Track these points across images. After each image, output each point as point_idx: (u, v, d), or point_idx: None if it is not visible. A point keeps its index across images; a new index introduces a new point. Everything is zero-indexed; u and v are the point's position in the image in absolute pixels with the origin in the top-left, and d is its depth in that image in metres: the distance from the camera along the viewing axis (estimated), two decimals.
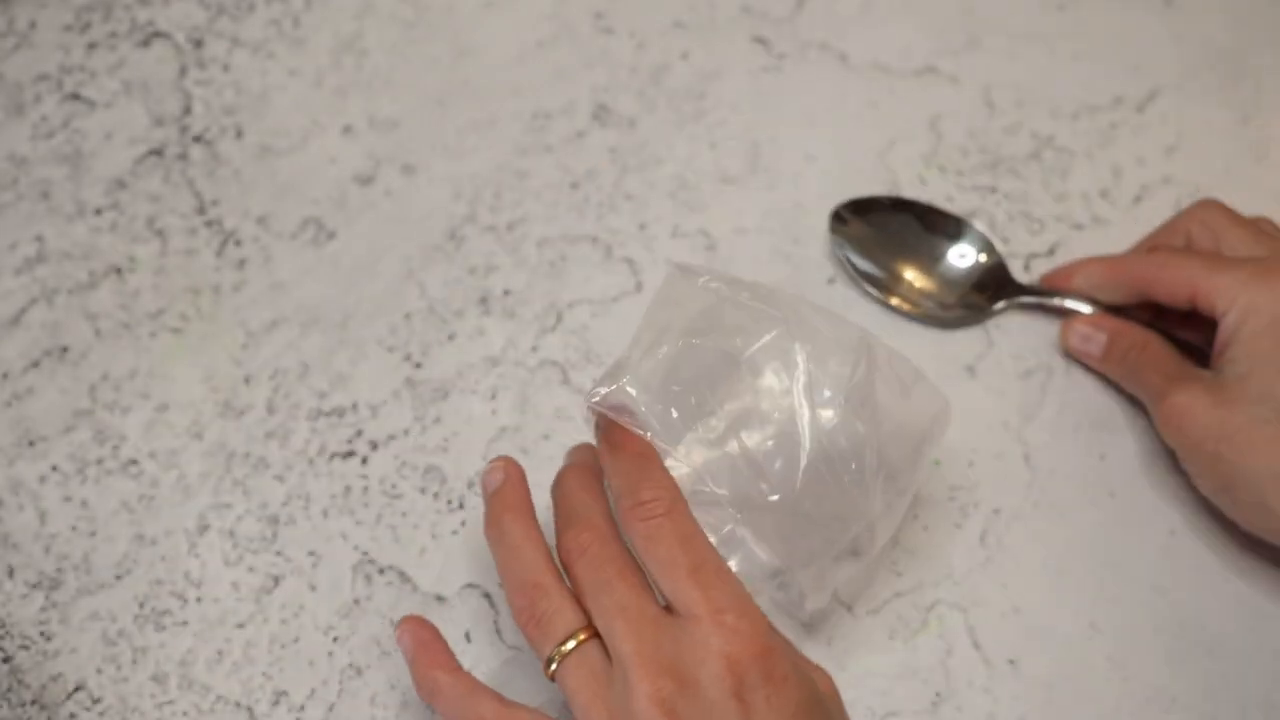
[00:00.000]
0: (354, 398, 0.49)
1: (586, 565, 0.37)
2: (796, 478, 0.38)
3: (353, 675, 0.44)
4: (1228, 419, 0.42)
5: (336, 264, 0.52)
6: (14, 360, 0.50)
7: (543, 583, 0.38)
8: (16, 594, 0.46)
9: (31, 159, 0.55)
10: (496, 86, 0.56)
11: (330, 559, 0.46)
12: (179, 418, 0.49)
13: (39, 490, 0.48)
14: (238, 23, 0.58)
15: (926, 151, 0.53)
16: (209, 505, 0.47)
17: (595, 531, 0.37)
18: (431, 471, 0.47)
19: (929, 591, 0.44)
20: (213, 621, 0.45)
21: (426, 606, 0.45)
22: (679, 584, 0.36)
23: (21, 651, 0.45)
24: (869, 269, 0.50)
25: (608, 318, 0.50)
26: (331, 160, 0.54)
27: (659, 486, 0.37)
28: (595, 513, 0.38)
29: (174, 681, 0.44)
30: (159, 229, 0.53)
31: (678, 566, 0.36)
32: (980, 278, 0.50)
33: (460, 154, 0.54)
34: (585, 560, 0.37)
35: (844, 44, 0.56)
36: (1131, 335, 0.47)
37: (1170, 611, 0.44)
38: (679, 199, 0.53)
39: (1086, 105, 0.54)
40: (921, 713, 0.42)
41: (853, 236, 0.50)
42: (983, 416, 0.47)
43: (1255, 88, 0.54)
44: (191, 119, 0.56)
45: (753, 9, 0.57)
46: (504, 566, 0.39)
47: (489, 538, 0.40)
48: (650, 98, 0.55)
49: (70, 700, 0.44)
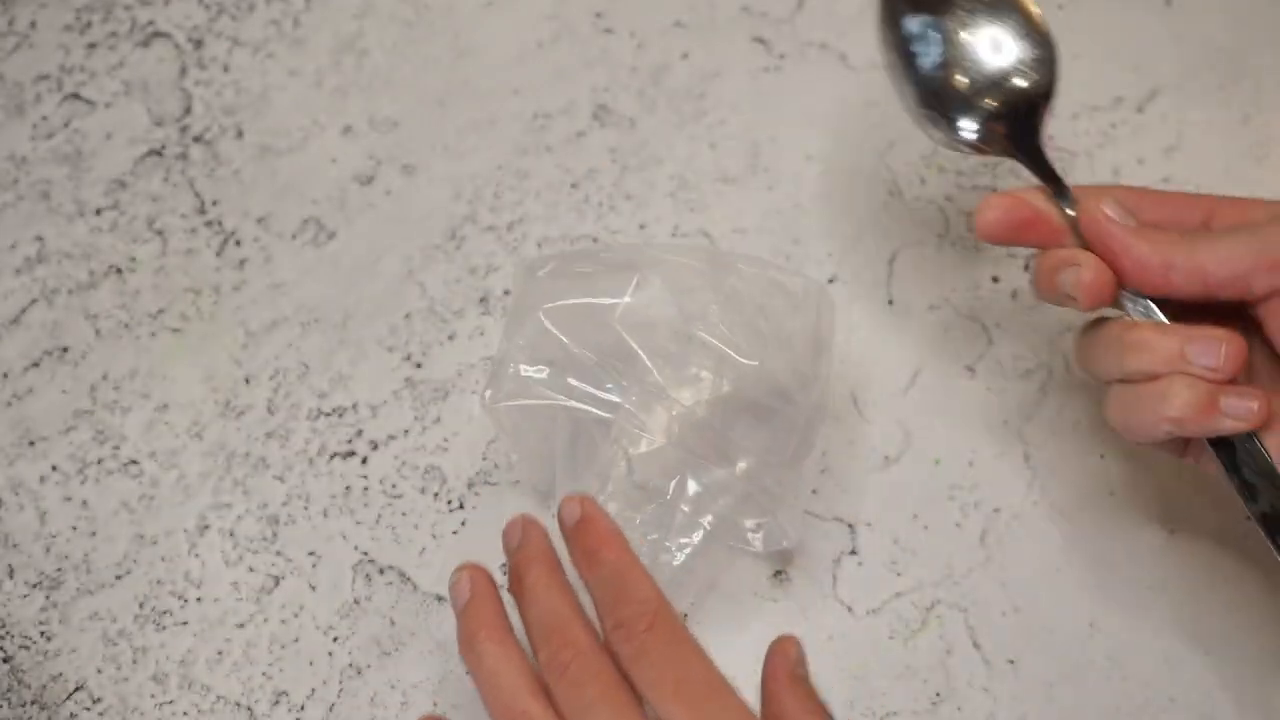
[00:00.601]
0: (354, 398, 0.49)
1: (569, 686, 0.35)
2: (719, 407, 0.39)
3: (353, 675, 0.44)
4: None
5: (337, 264, 0.52)
6: (14, 360, 0.50)
7: (529, 710, 0.35)
8: (17, 594, 0.46)
9: (32, 159, 0.55)
10: (496, 86, 0.56)
11: (330, 559, 0.46)
12: (179, 418, 0.49)
13: (39, 490, 0.48)
14: (238, 23, 0.58)
15: (926, 152, 0.53)
16: (209, 505, 0.47)
17: (574, 647, 0.35)
18: (431, 471, 0.47)
19: (929, 591, 0.44)
20: (213, 621, 0.45)
21: (427, 606, 0.45)
22: (666, 703, 0.34)
23: (22, 651, 0.45)
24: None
25: None
26: (332, 160, 0.54)
27: (640, 601, 0.36)
28: (570, 621, 0.36)
29: (174, 681, 0.44)
30: (159, 229, 0.53)
31: (664, 684, 0.34)
32: (1016, 100, 0.42)
33: (460, 154, 0.54)
34: (567, 680, 0.35)
35: (844, 44, 0.56)
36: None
37: (1170, 611, 0.44)
38: (679, 199, 0.53)
39: (1086, 105, 0.54)
40: (921, 712, 0.42)
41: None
42: (982, 415, 0.47)
43: (1255, 88, 0.54)
44: (192, 119, 0.56)
45: (753, 9, 0.57)
46: (485, 693, 0.36)
47: (464, 658, 0.37)
48: (650, 98, 0.55)
49: (70, 700, 0.44)
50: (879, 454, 0.47)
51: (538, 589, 0.37)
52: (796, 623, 0.43)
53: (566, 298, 0.41)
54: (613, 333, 0.40)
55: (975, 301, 0.50)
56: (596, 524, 0.37)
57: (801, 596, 0.44)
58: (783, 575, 0.44)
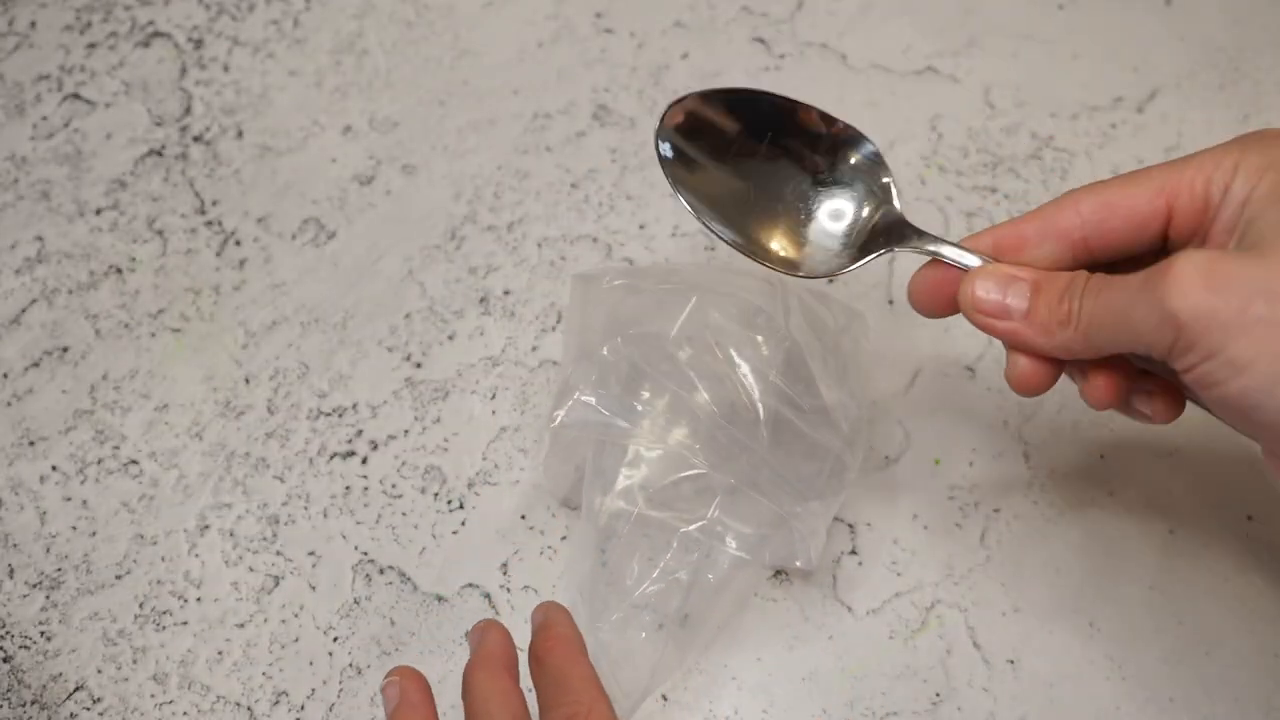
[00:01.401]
0: (354, 398, 0.49)
1: None
2: (761, 431, 0.40)
3: (353, 675, 0.44)
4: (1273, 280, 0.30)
5: (336, 264, 0.52)
6: (14, 360, 0.50)
7: None
8: (17, 594, 0.46)
9: (32, 159, 0.55)
10: (497, 86, 0.56)
11: (330, 559, 0.46)
12: (179, 418, 0.49)
13: (39, 490, 0.48)
14: (238, 23, 0.58)
15: (926, 152, 0.53)
16: (209, 505, 0.47)
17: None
18: (431, 471, 0.47)
19: (929, 591, 0.44)
20: (213, 621, 0.45)
21: (426, 606, 0.45)
22: None
23: (22, 651, 0.45)
24: (725, 233, 0.40)
25: None
26: (332, 160, 0.54)
27: (577, 693, 0.36)
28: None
29: (174, 681, 0.44)
30: (159, 229, 0.53)
31: None
32: (875, 226, 0.40)
33: (460, 154, 0.54)
34: None
35: (844, 44, 0.56)
36: (1066, 276, 0.35)
37: (1170, 611, 0.44)
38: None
39: (1086, 105, 0.54)
40: (921, 712, 0.42)
41: (693, 184, 0.40)
42: (982, 415, 0.47)
43: (1255, 87, 0.54)
44: (192, 119, 0.56)
45: (753, 9, 0.57)
46: None
47: None
48: (650, 98, 0.55)
49: (70, 700, 0.44)
50: (879, 454, 0.47)
51: (484, 690, 0.37)
52: (796, 623, 0.43)
53: (625, 320, 0.41)
54: (666, 354, 0.41)
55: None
56: (550, 630, 0.38)
57: (802, 596, 0.44)
58: (783, 575, 0.44)
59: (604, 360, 0.41)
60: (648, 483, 0.42)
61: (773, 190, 0.40)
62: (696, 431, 0.41)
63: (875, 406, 0.47)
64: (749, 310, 0.41)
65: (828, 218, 0.40)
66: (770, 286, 0.42)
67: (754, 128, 0.41)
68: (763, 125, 0.41)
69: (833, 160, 0.41)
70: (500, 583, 0.45)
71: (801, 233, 0.40)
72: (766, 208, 0.40)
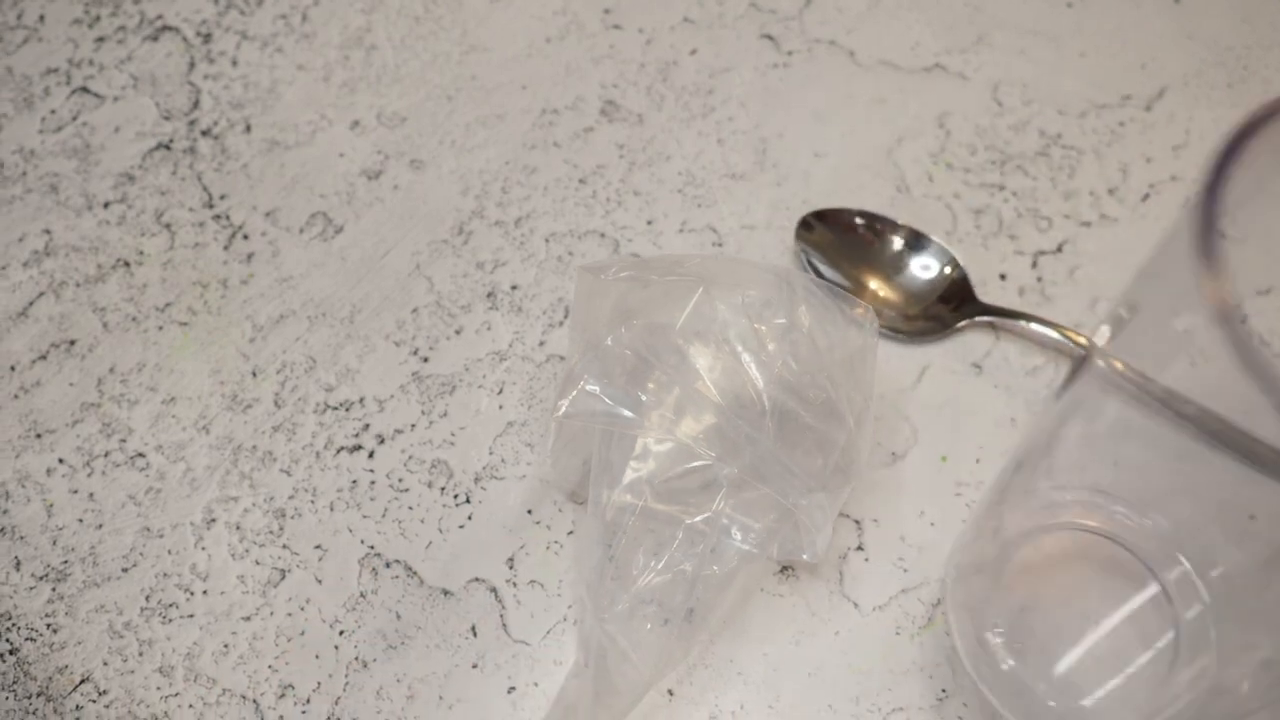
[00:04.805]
0: (361, 392, 0.49)
1: None
2: (767, 423, 0.40)
3: (359, 668, 0.44)
4: None
5: (344, 258, 0.52)
6: (22, 353, 0.50)
7: None
8: (24, 586, 0.46)
9: (40, 152, 0.55)
10: (505, 82, 0.56)
11: (337, 552, 0.46)
12: (186, 411, 0.49)
13: (46, 483, 0.48)
14: (246, 17, 0.58)
15: (934, 149, 0.53)
16: (216, 498, 0.47)
17: None
18: (438, 466, 0.47)
19: (935, 588, 0.44)
20: (219, 614, 0.45)
21: (432, 600, 0.45)
22: None
23: (28, 643, 0.45)
24: (834, 276, 0.50)
25: None
26: (340, 155, 0.54)
27: None
28: None
29: (180, 674, 0.44)
30: (167, 222, 0.53)
31: None
32: (945, 290, 0.50)
33: (468, 149, 0.54)
34: None
35: (852, 41, 0.56)
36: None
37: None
38: (687, 195, 0.53)
39: (1094, 103, 0.54)
40: (927, 708, 0.42)
41: (817, 243, 0.50)
42: (989, 412, 0.47)
43: (1263, 86, 0.54)
44: (200, 113, 0.56)
45: (761, 6, 0.57)
46: None
47: None
48: (659, 94, 0.55)
49: (76, 692, 0.44)
50: (886, 450, 0.47)
51: None
52: (803, 618, 0.43)
53: (631, 311, 0.42)
54: (672, 346, 0.41)
55: (983, 298, 0.50)
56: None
57: (808, 592, 0.44)
58: (789, 571, 0.44)
59: (609, 351, 0.41)
60: (654, 476, 0.42)
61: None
62: (702, 423, 0.41)
63: (882, 401, 0.47)
64: (756, 302, 0.41)
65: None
66: (777, 279, 0.42)
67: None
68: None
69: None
70: (506, 577, 0.45)
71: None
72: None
